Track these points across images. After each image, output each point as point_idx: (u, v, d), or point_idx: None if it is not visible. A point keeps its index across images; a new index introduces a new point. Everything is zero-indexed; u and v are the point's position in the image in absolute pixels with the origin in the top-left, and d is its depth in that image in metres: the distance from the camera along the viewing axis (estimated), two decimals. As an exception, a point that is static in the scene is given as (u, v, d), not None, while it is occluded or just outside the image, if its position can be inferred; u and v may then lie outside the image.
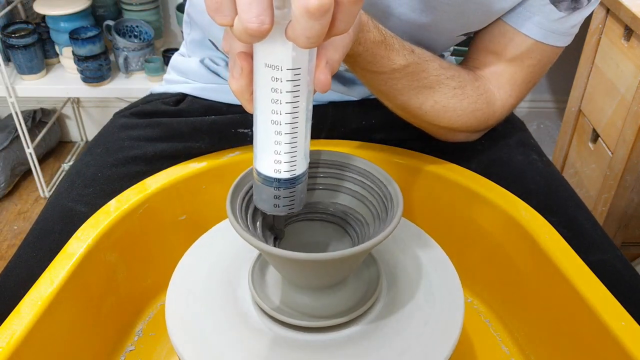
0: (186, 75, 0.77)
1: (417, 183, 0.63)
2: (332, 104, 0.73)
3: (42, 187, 1.72)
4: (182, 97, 0.75)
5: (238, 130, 0.69)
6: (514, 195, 0.57)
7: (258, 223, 0.45)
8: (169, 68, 0.82)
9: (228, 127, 0.69)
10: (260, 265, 0.49)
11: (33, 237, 0.60)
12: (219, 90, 0.73)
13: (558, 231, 0.53)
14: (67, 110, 1.94)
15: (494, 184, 0.59)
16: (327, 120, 0.72)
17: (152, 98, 0.76)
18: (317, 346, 0.44)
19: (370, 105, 0.72)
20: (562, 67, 1.91)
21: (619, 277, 0.56)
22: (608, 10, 1.18)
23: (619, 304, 0.46)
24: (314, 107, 0.78)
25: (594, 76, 1.26)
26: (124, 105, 0.78)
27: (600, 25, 1.21)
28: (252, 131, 0.48)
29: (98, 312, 0.54)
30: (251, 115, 0.40)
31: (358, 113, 0.73)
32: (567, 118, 1.39)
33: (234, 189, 0.44)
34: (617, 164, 1.16)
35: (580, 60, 1.31)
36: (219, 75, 0.74)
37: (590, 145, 1.28)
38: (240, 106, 0.73)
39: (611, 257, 0.58)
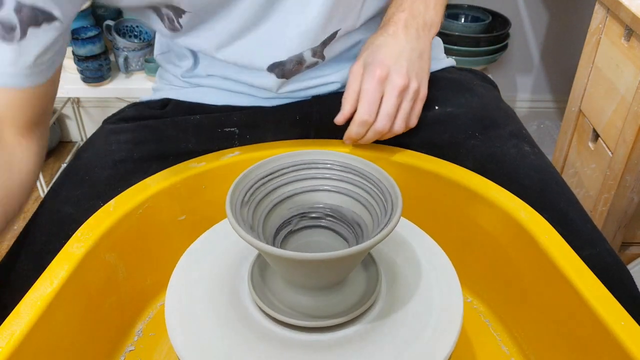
0: (170, 82, 0.79)
1: (417, 183, 0.63)
2: (316, 99, 0.74)
3: (42, 187, 1.72)
4: (167, 102, 0.76)
5: (224, 129, 0.70)
6: (513, 195, 0.57)
7: (258, 223, 0.45)
8: (156, 77, 0.84)
9: (214, 126, 0.70)
10: (260, 265, 0.49)
11: (22, 237, 0.61)
12: (202, 93, 0.75)
13: (549, 227, 0.53)
14: (67, 110, 1.94)
15: (493, 183, 0.59)
16: (313, 116, 0.73)
17: (138, 104, 0.78)
18: (316, 346, 0.44)
19: None
20: (562, 67, 1.92)
21: (608, 270, 0.56)
22: (608, 10, 1.17)
23: (618, 303, 0.46)
24: (299, 103, 0.80)
25: (594, 76, 1.25)
26: (124, 105, 0.79)
27: (600, 25, 1.21)
28: (238, 129, 0.49)
29: (98, 312, 0.54)
30: (235, 114, 0.42)
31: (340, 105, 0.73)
32: (567, 118, 1.39)
33: (234, 189, 0.44)
34: (617, 164, 1.16)
35: (580, 60, 1.31)
36: (199, 85, 0.76)
37: (590, 145, 1.28)
38: (224, 106, 0.76)
39: (600, 250, 0.58)
